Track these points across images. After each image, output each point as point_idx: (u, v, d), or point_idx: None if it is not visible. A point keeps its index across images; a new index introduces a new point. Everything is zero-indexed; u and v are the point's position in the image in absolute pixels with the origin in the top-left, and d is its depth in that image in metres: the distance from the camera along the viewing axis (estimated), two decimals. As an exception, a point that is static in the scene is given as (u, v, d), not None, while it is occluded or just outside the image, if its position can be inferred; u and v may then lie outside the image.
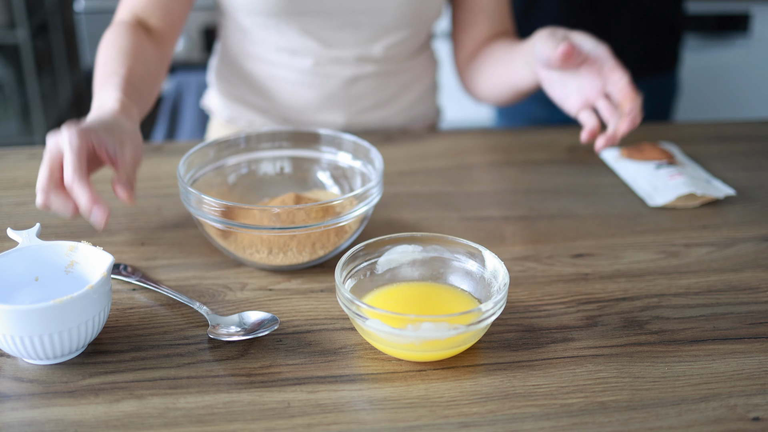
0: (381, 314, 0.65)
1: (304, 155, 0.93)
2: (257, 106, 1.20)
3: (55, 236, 0.86)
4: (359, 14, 1.11)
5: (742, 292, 0.79)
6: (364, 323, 0.66)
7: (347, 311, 0.67)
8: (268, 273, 0.81)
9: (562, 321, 0.74)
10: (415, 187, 1.00)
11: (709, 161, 1.08)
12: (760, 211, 0.96)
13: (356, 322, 0.67)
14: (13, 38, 2.56)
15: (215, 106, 1.25)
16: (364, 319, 0.66)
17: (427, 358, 0.67)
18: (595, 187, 1.01)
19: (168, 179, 1.01)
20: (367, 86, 1.17)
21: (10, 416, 0.61)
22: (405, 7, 1.11)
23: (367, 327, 0.66)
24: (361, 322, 0.66)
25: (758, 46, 2.32)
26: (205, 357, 0.68)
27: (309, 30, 1.11)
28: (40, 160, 1.06)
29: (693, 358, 0.69)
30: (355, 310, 0.66)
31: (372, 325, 0.65)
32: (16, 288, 0.70)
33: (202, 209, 0.77)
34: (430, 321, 0.64)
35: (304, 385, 0.65)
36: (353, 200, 0.78)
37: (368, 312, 0.65)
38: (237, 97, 1.21)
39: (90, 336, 0.67)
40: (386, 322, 0.65)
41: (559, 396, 0.64)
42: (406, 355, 0.67)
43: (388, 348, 0.67)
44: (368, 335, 0.67)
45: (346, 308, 0.67)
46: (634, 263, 0.84)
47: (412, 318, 0.64)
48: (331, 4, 1.09)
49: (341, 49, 1.13)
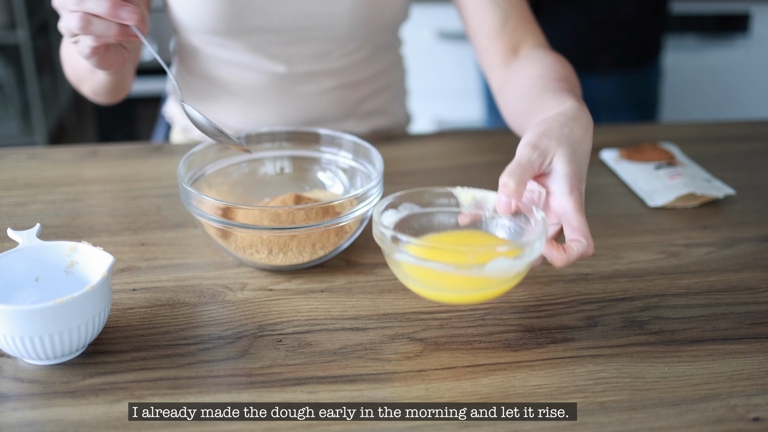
0: (442, 249, 0.66)
1: (304, 155, 0.93)
2: (213, 119, 1.17)
3: (55, 236, 0.86)
4: (308, 30, 1.07)
5: (742, 292, 0.79)
6: (420, 263, 0.66)
7: (393, 251, 0.67)
8: (268, 273, 0.81)
9: (562, 321, 0.74)
10: (416, 187, 1.00)
11: (709, 161, 1.08)
12: (760, 211, 0.96)
13: (404, 266, 0.68)
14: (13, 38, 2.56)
15: (174, 116, 1.24)
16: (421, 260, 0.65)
17: (475, 298, 0.69)
18: (595, 187, 1.01)
19: (168, 179, 1.01)
20: (325, 100, 1.13)
21: (10, 416, 0.61)
22: (356, 19, 1.06)
23: (425, 266, 0.66)
24: (414, 261, 0.66)
25: (758, 46, 2.32)
26: (205, 357, 0.68)
27: (257, 47, 1.08)
28: (40, 160, 1.07)
29: (693, 358, 0.69)
30: (406, 250, 0.66)
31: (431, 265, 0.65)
32: (16, 288, 0.70)
33: (202, 209, 0.77)
34: (494, 254, 0.65)
35: (304, 385, 0.65)
36: (353, 200, 0.78)
37: (423, 251, 0.66)
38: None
39: (90, 336, 0.67)
40: (448, 260, 0.65)
41: (559, 396, 0.64)
42: (458, 297, 0.69)
43: (441, 291, 0.68)
44: (420, 275, 0.67)
45: (399, 252, 0.66)
46: (634, 263, 0.84)
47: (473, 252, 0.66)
48: (276, 21, 1.05)
49: (293, 65, 1.10)
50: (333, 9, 1.05)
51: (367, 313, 0.75)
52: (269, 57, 1.09)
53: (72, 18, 0.79)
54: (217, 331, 0.72)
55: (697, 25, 2.29)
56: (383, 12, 1.08)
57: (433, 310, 0.75)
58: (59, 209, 0.93)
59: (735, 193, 0.98)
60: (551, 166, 0.70)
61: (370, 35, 1.10)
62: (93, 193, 0.98)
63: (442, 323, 0.73)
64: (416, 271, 0.68)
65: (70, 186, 0.99)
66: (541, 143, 0.70)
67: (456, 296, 0.69)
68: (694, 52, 2.31)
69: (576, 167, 0.70)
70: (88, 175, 1.03)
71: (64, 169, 1.04)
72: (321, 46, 1.09)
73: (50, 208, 0.93)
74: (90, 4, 0.78)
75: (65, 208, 0.94)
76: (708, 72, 2.34)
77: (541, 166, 0.70)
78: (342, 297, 0.77)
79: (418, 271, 0.68)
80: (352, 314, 0.75)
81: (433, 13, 2.16)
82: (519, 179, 0.68)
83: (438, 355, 0.69)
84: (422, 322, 0.73)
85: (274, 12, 1.04)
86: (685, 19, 2.28)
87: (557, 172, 0.70)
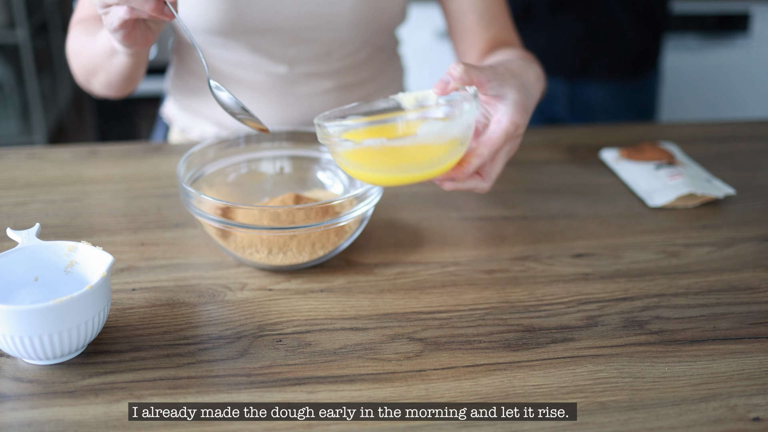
0: (373, 127, 0.68)
1: (304, 155, 0.93)
2: (211, 118, 1.17)
3: (54, 236, 0.86)
4: (309, 30, 1.07)
5: (742, 292, 0.79)
6: (357, 144, 0.68)
7: (335, 143, 0.69)
8: (268, 273, 0.81)
9: (562, 321, 0.74)
10: (415, 187, 1.00)
11: (709, 161, 1.08)
12: (760, 211, 0.96)
13: (343, 149, 0.69)
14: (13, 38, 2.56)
15: (173, 115, 1.24)
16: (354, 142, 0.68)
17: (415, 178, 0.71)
18: (595, 187, 1.01)
19: (168, 179, 1.01)
20: (325, 100, 1.13)
21: (10, 416, 0.61)
22: (357, 20, 1.07)
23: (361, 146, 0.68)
24: (349, 145, 0.68)
25: (758, 46, 2.32)
26: (205, 357, 0.68)
27: (258, 47, 1.08)
28: (39, 159, 1.07)
29: (693, 358, 0.69)
30: (339, 134, 0.69)
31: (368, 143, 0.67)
32: (16, 288, 0.70)
33: (201, 209, 0.77)
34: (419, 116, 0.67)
35: (304, 385, 0.65)
36: (353, 200, 0.78)
37: (355, 134, 0.69)
38: (190, 108, 1.19)
39: (90, 336, 0.66)
40: (382, 135, 0.67)
41: (559, 396, 0.64)
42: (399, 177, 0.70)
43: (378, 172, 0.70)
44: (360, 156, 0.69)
45: (334, 141, 0.69)
46: (634, 263, 0.84)
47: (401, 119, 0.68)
48: (278, 22, 1.05)
49: (294, 66, 1.10)
50: (334, 10, 1.05)
51: (367, 313, 0.75)
52: (270, 57, 1.09)
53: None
54: (216, 331, 0.72)
55: (697, 24, 2.29)
56: (383, 12, 1.08)
57: (433, 310, 0.75)
58: (59, 209, 0.93)
59: (735, 192, 0.98)
60: (502, 91, 0.75)
61: (370, 36, 1.10)
62: (92, 192, 0.98)
63: (442, 323, 0.73)
64: (358, 156, 0.69)
65: (70, 186, 0.99)
66: (498, 68, 0.76)
67: (403, 176, 0.70)
68: (695, 52, 2.31)
69: (524, 99, 0.75)
70: (87, 175, 1.03)
71: (64, 168, 1.04)
72: (322, 47, 1.09)
73: (50, 208, 0.93)
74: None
75: (65, 207, 0.94)
76: (708, 72, 2.34)
77: (490, 83, 0.74)
78: (342, 297, 0.77)
79: (360, 156, 0.69)
80: (352, 314, 0.75)
81: (432, 13, 2.16)
82: (467, 69, 0.72)
83: (438, 355, 0.69)
84: (422, 322, 0.73)
85: (276, 13, 1.04)
86: (685, 19, 2.28)
87: (507, 98, 0.75)
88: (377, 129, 0.69)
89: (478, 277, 0.81)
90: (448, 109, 0.70)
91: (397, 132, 0.69)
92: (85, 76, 1.08)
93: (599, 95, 1.64)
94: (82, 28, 1.05)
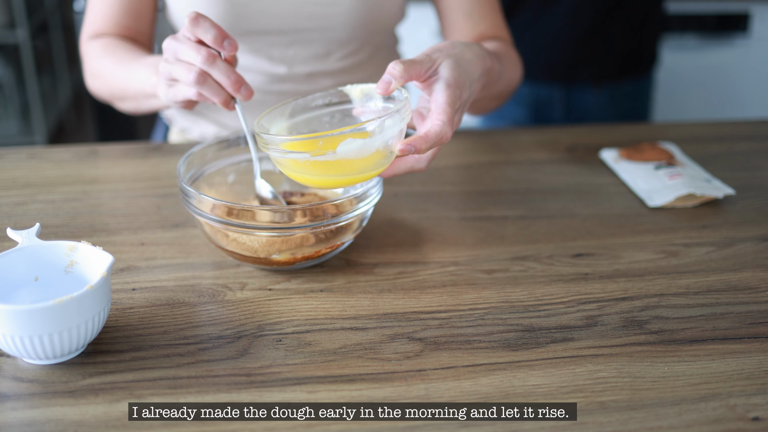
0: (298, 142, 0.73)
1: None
2: (211, 118, 1.17)
3: (54, 236, 0.86)
4: (308, 31, 1.07)
5: (742, 292, 0.79)
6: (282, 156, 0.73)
7: (268, 150, 0.74)
8: (268, 273, 0.81)
9: (562, 321, 0.74)
10: (415, 187, 1.00)
11: (709, 161, 1.08)
12: (760, 211, 0.96)
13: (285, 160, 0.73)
14: (13, 38, 2.56)
15: (173, 115, 1.24)
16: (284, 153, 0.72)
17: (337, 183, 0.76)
18: (595, 187, 1.01)
19: (168, 179, 1.01)
20: None
21: (10, 416, 0.61)
22: (355, 19, 1.07)
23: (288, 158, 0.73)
24: (279, 156, 0.73)
25: (758, 45, 2.32)
26: (205, 357, 0.68)
27: (257, 48, 1.08)
28: (39, 159, 1.07)
29: (693, 358, 0.69)
30: (277, 146, 0.73)
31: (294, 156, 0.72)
32: (16, 288, 0.70)
33: (201, 209, 0.77)
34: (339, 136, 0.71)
35: (304, 384, 0.65)
36: (353, 200, 0.78)
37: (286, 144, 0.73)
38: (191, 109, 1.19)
39: (90, 336, 0.67)
40: (303, 149, 0.72)
41: (558, 396, 0.64)
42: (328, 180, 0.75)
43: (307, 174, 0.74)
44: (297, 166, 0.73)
45: (268, 148, 0.73)
46: (634, 263, 0.84)
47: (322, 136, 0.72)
48: (276, 23, 1.06)
49: (293, 66, 1.10)
50: (333, 10, 1.05)
51: (367, 313, 0.75)
52: (269, 58, 1.09)
53: (191, 71, 0.79)
54: (216, 331, 0.72)
55: (696, 24, 2.29)
56: (382, 12, 1.08)
57: (433, 310, 0.75)
58: (59, 209, 0.93)
59: (735, 192, 0.98)
60: (437, 72, 0.78)
61: (369, 36, 1.10)
62: (92, 192, 0.98)
63: (441, 323, 0.73)
64: (289, 163, 0.73)
65: (70, 185, 0.99)
66: (432, 53, 0.79)
67: (334, 181, 0.75)
68: (694, 52, 2.31)
69: (458, 75, 0.78)
70: (87, 175, 1.03)
71: (64, 168, 1.04)
72: (321, 48, 1.09)
73: (50, 208, 0.93)
74: (217, 72, 0.79)
75: (65, 207, 0.94)
76: (708, 72, 2.34)
77: (428, 71, 0.77)
78: (341, 297, 0.77)
79: (290, 163, 0.73)
80: (352, 314, 0.75)
81: (431, 13, 2.16)
82: (406, 67, 0.76)
83: (438, 354, 0.69)
84: (422, 322, 0.73)
85: (275, 14, 1.04)
86: (684, 19, 2.28)
87: (440, 76, 0.78)
88: (299, 144, 0.74)
89: (478, 276, 0.81)
90: (376, 123, 0.72)
91: (318, 147, 0.72)
92: (109, 97, 1.09)
93: (593, 101, 1.63)
94: (104, 50, 1.05)
